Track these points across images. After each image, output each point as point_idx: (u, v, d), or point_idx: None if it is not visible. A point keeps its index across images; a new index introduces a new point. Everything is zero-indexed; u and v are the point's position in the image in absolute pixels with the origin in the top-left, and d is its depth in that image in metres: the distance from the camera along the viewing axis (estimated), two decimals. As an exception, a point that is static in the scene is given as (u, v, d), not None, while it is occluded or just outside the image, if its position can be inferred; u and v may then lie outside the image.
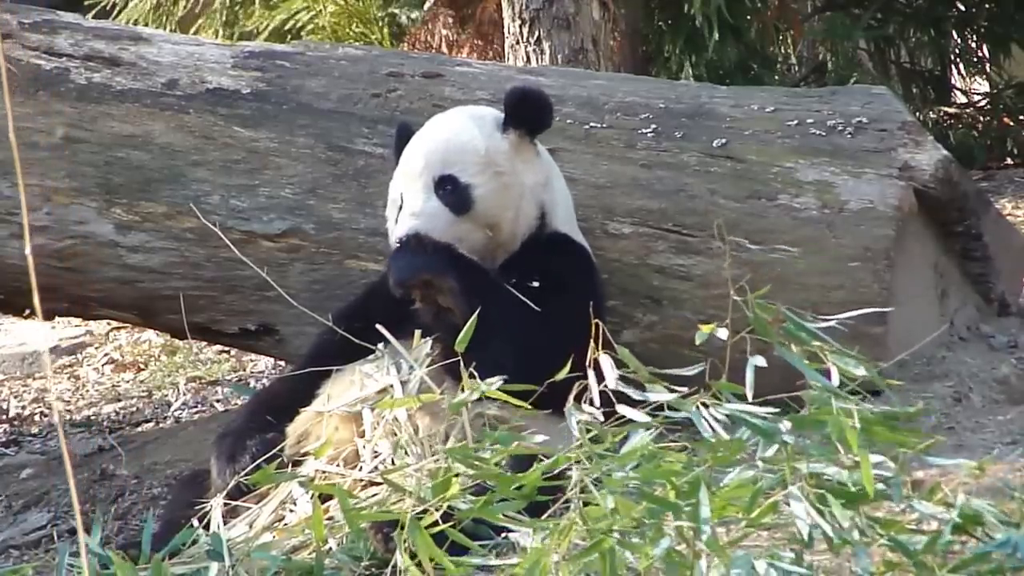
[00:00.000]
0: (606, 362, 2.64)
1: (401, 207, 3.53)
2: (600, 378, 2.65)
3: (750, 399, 2.50)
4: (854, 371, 2.48)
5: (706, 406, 2.51)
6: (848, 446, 2.35)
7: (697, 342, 2.58)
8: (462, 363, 3.00)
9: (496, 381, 2.92)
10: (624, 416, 2.59)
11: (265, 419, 3.47)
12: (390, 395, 3.27)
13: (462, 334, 2.98)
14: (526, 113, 3.57)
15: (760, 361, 2.53)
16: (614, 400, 2.65)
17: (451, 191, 3.48)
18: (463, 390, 2.98)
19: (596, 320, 2.74)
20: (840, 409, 2.38)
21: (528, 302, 3.38)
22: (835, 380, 2.50)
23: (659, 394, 2.55)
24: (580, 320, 3.31)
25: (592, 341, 2.71)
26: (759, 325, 2.54)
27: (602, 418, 2.62)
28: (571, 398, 2.64)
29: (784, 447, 2.35)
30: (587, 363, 2.69)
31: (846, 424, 2.33)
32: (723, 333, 2.56)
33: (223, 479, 3.38)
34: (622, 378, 2.62)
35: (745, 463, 2.41)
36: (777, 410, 2.48)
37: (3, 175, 4.40)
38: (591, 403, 2.62)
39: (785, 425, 2.42)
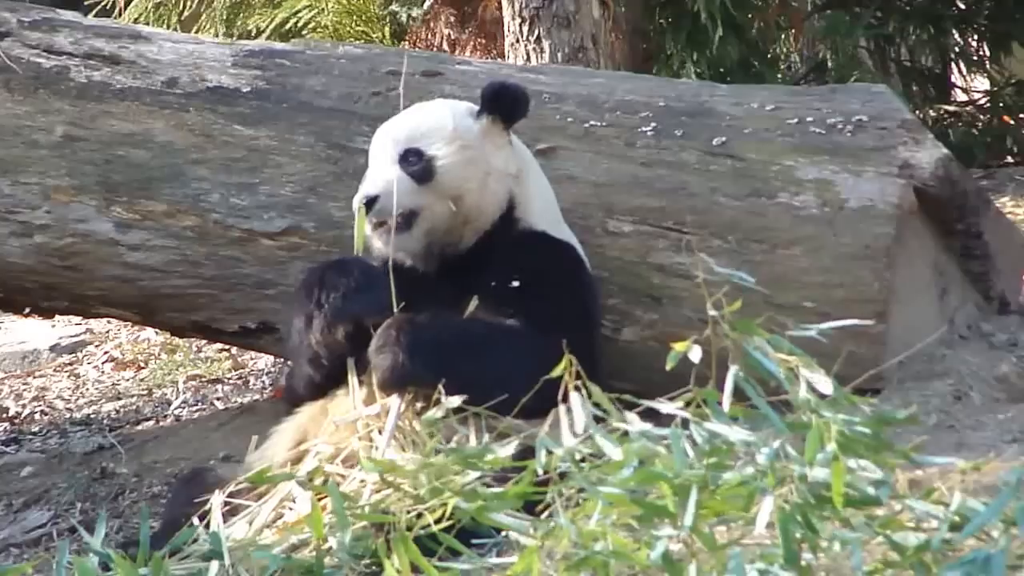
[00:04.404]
0: (576, 401, 2.63)
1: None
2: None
3: (727, 409, 2.49)
4: (822, 388, 2.46)
5: (687, 424, 2.50)
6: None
7: (668, 366, 2.56)
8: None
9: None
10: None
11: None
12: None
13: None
14: (500, 102, 3.64)
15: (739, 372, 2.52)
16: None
17: (415, 162, 3.56)
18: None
19: (569, 356, 2.71)
20: (819, 423, 2.38)
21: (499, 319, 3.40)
22: (802, 394, 2.49)
23: (634, 424, 2.54)
24: (561, 320, 3.33)
25: (567, 375, 2.70)
26: (735, 345, 2.52)
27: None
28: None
29: (770, 461, 2.35)
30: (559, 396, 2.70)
31: (826, 440, 2.33)
32: (696, 354, 2.54)
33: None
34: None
35: (744, 461, 2.41)
36: (750, 436, 2.46)
37: (3, 173, 4.41)
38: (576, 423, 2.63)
39: (770, 433, 2.41)
